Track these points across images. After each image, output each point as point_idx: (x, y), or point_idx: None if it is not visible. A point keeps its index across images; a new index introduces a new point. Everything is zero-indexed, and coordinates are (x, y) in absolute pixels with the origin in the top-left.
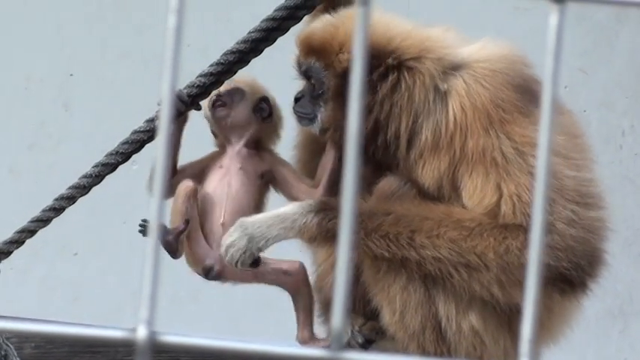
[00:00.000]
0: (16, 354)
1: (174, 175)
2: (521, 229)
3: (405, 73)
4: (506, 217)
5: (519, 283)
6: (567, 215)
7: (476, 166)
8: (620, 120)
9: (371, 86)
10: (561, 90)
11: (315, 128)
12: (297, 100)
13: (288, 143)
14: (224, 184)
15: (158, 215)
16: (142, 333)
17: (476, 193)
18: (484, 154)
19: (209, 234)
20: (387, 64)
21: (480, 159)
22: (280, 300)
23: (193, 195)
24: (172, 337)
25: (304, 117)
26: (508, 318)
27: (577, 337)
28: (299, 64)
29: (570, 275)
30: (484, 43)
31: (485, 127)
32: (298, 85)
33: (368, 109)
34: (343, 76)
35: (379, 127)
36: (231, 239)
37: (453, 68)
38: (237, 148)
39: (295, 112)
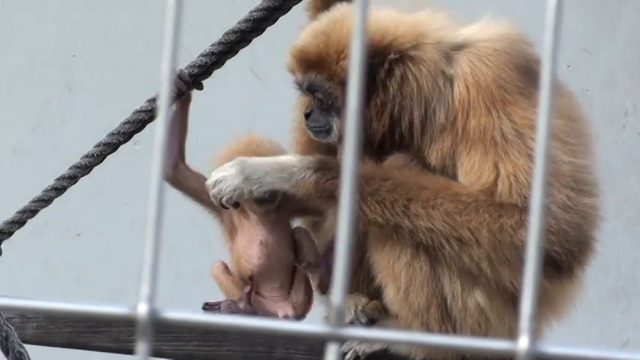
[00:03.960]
0: (16, 335)
1: (183, 158)
2: (517, 209)
3: (409, 64)
4: (502, 196)
5: (508, 263)
6: (562, 200)
7: (475, 145)
8: (623, 100)
9: (381, 85)
10: (564, 70)
11: (333, 139)
12: (307, 115)
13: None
14: (273, 259)
15: (159, 190)
16: (142, 310)
17: (473, 171)
18: (484, 133)
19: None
20: (390, 59)
21: (480, 137)
22: None
23: (227, 269)
24: (174, 313)
25: (320, 130)
26: (513, 296)
27: (580, 317)
28: (300, 82)
29: (560, 260)
30: (485, 22)
31: (487, 106)
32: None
33: (382, 108)
34: (338, 78)
35: (394, 121)
36: (224, 174)
37: (456, 49)
38: (270, 218)
39: (309, 127)
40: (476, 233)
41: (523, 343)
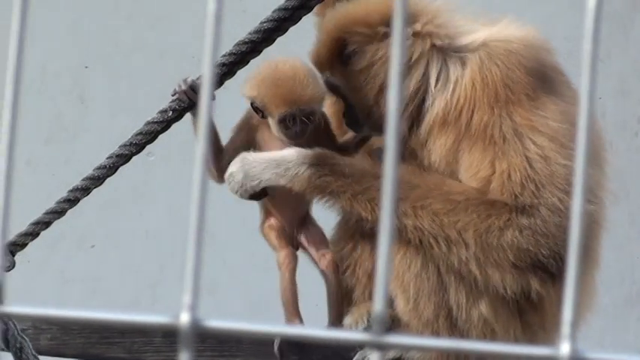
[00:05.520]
0: (31, 346)
1: (220, 152)
2: (507, 208)
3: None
4: (494, 193)
5: (497, 265)
6: (554, 202)
7: (476, 142)
8: (636, 107)
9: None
10: (576, 78)
11: (365, 130)
12: (344, 114)
13: None
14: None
15: (201, 197)
16: (185, 319)
17: (472, 167)
18: (485, 130)
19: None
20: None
21: (480, 135)
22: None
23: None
24: (217, 322)
25: (354, 125)
26: (519, 307)
27: (595, 324)
28: (326, 81)
29: (549, 264)
30: (506, 23)
31: (491, 104)
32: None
33: (375, 75)
34: (341, 72)
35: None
36: (231, 170)
37: (471, 47)
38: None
39: (348, 125)
40: (463, 234)
41: (565, 348)
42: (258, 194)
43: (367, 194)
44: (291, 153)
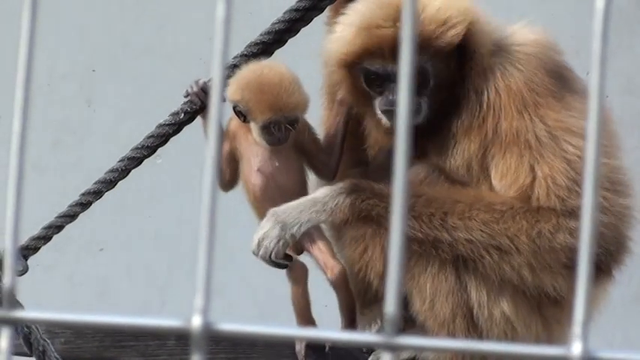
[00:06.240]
0: (53, 349)
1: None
2: (554, 213)
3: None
4: (540, 199)
5: (549, 268)
6: (599, 202)
7: (509, 148)
8: None
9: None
10: (583, 76)
11: (420, 118)
12: (393, 101)
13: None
14: (273, 187)
15: (212, 201)
16: (197, 322)
17: (509, 174)
18: (518, 135)
19: None
20: (467, 28)
21: (513, 140)
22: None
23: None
24: (228, 325)
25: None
26: (539, 304)
27: (604, 322)
28: (388, 69)
29: (598, 260)
30: (518, 27)
31: (519, 109)
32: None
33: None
34: (450, 55)
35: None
36: (263, 231)
37: (492, 51)
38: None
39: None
40: (515, 240)
41: (577, 348)
42: (285, 257)
43: (413, 211)
44: (323, 191)
